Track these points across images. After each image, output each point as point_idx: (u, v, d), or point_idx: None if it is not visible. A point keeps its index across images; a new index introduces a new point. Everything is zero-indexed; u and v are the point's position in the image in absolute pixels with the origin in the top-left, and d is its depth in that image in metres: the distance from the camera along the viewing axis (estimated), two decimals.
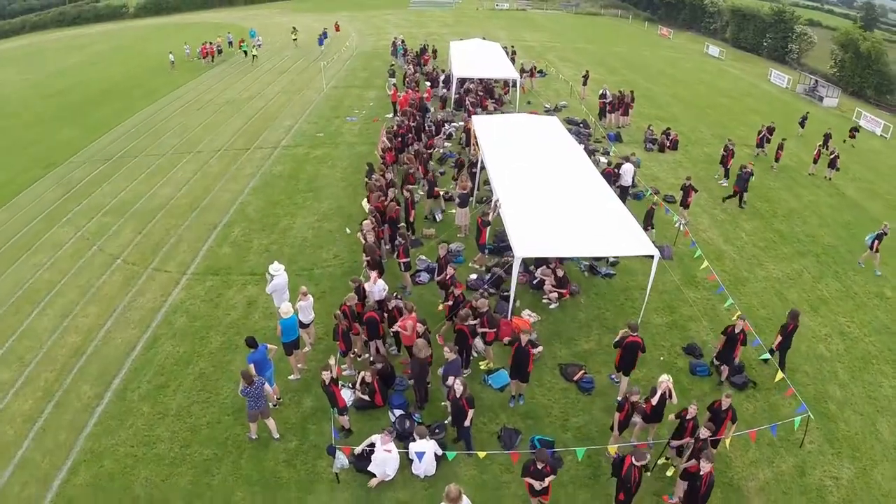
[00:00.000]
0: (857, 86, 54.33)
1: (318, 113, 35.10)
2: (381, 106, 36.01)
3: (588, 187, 18.46)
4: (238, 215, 22.98)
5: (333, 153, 28.94)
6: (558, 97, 39.69)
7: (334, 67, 46.69)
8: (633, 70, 50.76)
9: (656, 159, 30.57)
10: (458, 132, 31.02)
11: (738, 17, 70.04)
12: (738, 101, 44.50)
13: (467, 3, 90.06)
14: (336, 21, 63.98)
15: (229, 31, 57.52)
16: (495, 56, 37.05)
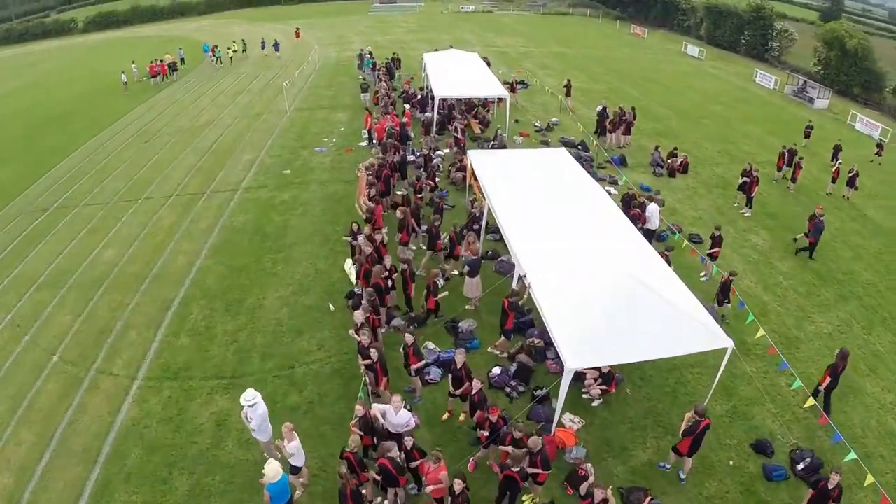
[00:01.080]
0: (843, 84, 52.48)
1: (281, 143, 31.32)
2: (352, 131, 32.42)
3: (629, 251, 15.30)
4: (196, 288, 19.18)
5: (303, 195, 25.27)
6: (547, 112, 36.63)
7: (297, 85, 42.82)
8: (618, 76, 48.01)
9: (668, 186, 27.68)
10: (444, 163, 27.67)
11: (714, 14, 67.96)
12: (732, 109, 42.04)
13: (431, 7, 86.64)
14: (297, 28, 59.74)
15: (181, 46, 52.83)
16: (476, 69, 33.61)
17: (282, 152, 30.00)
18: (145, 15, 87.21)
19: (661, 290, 13.20)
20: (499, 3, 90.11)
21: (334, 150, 29.97)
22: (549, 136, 32.31)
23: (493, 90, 31.15)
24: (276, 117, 35.50)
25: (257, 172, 27.80)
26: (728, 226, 23.99)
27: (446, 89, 30.39)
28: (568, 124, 34.45)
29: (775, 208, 26.35)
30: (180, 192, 26.31)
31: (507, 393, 14.58)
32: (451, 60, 34.55)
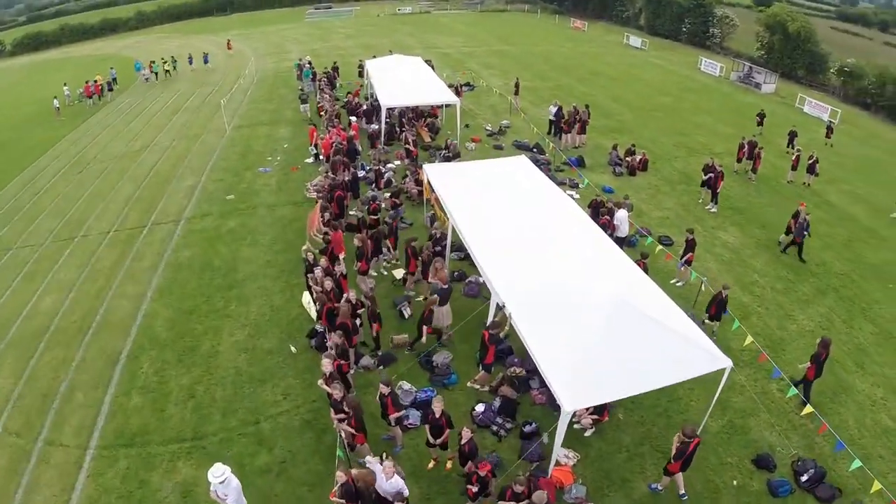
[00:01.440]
0: (787, 67, 53.26)
1: (223, 165, 29.65)
2: (296, 147, 30.95)
3: (608, 266, 14.48)
4: (144, 336, 17.56)
5: (251, 222, 23.76)
6: (497, 115, 35.79)
7: (235, 100, 40.99)
8: (563, 72, 47.59)
9: (630, 185, 27.13)
10: (396, 175, 26.55)
11: (653, 4, 68.46)
12: (681, 99, 42.02)
13: (366, 10, 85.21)
14: (228, 39, 57.40)
15: (112, 65, 50.14)
16: (422, 74, 32.48)
17: (224, 175, 28.34)
18: (75, 34, 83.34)
19: (650, 310, 12.38)
20: (436, 3, 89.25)
21: (279, 170, 28.48)
22: (502, 140, 31.46)
23: (442, 96, 30.08)
24: (216, 137, 33.74)
25: (200, 199, 26.11)
26: (696, 224, 23.58)
27: (393, 98, 29.20)
28: (520, 126, 33.65)
29: (740, 202, 26.08)
30: (119, 227, 24.47)
31: (494, 432, 13.55)
32: (395, 66, 33.33)
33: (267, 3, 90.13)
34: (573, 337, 11.65)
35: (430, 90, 30.17)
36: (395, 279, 19.31)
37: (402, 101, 29.38)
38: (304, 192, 25.63)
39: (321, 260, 16.90)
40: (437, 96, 30.19)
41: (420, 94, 29.72)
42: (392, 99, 29.00)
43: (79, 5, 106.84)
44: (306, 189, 25.60)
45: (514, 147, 30.41)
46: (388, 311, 17.44)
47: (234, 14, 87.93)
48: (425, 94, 29.94)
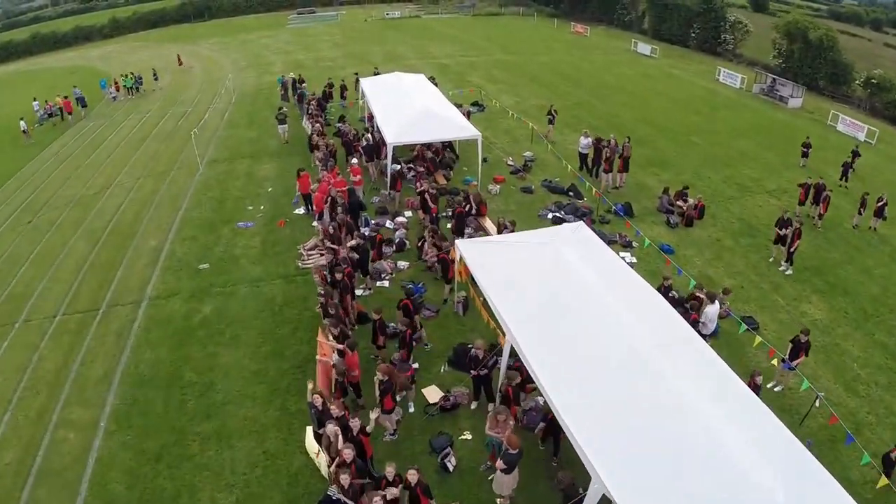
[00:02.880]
0: (807, 77, 48.76)
1: (195, 217, 24.30)
2: (283, 190, 25.72)
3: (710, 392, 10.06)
4: (96, 498, 12.32)
5: (230, 307, 18.49)
6: (516, 143, 30.75)
7: (211, 124, 35.55)
8: (577, 86, 42.57)
9: (689, 240, 22.44)
10: (410, 234, 21.42)
11: (658, 7, 63.77)
12: (712, 119, 37.30)
13: (352, 15, 79.62)
14: (178, 54, 51.00)
15: (79, 81, 44.17)
16: (430, 99, 27.13)
17: (196, 232, 22.99)
18: (46, 43, 77.74)
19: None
20: (425, 7, 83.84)
21: (263, 224, 23.16)
22: (530, 180, 26.42)
23: (461, 129, 24.82)
24: (187, 175, 28.35)
25: (166, 269, 20.76)
26: (774, 293, 19.54)
27: (401, 133, 23.97)
28: (545, 158, 28.70)
29: (813, 258, 21.75)
30: (67, 311, 19.14)
31: None
32: (396, 88, 28.20)
33: (247, 9, 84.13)
34: None
35: (444, 121, 24.85)
36: (427, 407, 14.16)
37: (412, 136, 24.11)
38: (295, 259, 20.39)
39: (332, 405, 11.67)
40: (454, 129, 24.92)
41: (433, 128, 24.40)
42: (400, 134, 23.79)
43: (56, 11, 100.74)
44: (298, 256, 20.41)
45: (545, 189, 25.49)
46: (423, 459, 12.39)
47: (213, 20, 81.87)
48: (440, 128, 24.63)
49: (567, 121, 33.83)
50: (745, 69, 50.82)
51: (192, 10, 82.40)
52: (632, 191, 25.96)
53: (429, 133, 24.11)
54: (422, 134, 24.05)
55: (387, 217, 22.79)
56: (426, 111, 24.59)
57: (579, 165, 27.45)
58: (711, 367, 11.25)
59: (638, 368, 10.88)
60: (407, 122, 24.07)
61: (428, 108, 24.87)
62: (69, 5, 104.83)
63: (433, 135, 24.32)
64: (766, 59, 54.75)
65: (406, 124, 23.95)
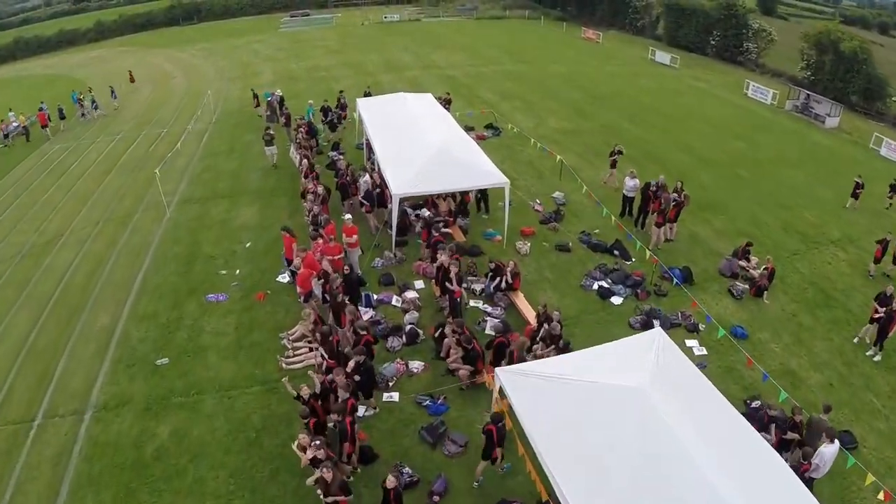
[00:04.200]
0: (838, 91, 43.96)
1: (156, 284, 19.27)
2: (265, 246, 20.76)
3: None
4: None
5: (192, 430, 13.65)
6: (540, 180, 25.81)
7: (188, 149, 30.42)
8: (601, 104, 37.46)
9: (761, 316, 17.85)
10: (422, 314, 16.46)
11: (674, 12, 58.76)
12: (754, 144, 32.47)
13: (348, 17, 74.19)
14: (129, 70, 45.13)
15: (43, 100, 38.79)
16: (447, 137, 21.59)
17: (157, 307, 17.96)
18: (30, 47, 72.59)
19: None
20: (424, 9, 78.50)
21: (239, 298, 18.13)
22: (565, 232, 21.41)
23: (486, 175, 19.67)
24: (153, 220, 23.30)
25: (117, 362, 15.84)
26: (865, 391, 15.23)
27: (409, 181, 18.84)
28: (579, 202, 23.70)
29: None
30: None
31: None
32: (402, 116, 23.16)
33: (238, 11, 78.56)
34: None
35: (464, 166, 19.57)
36: None
37: (424, 185, 18.99)
38: (277, 355, 15.37)
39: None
40: (477, 176, 19.70)
41: (451, 175, 19.12)
42: (409, 183, 18.66)
43: (45, 12, 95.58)
44: (283, 353, 15.40)
45: (585, 245, 20.50)
46: None
47: (203, 23, 76.33)
48: (459, 174, 19.34)
49: (597, 148, 28.88)
50: (772, 81, 46.48)
51: (181, 13, 76.86)
52: (684, 244, 21.14)
53: (445, 180, 18.95)
54: (436, 182, 18.91)
55: (392, 290, 17.78)
56: (442, 152, 19.40)
57: (621, 210, 22.53)
58: None
59: None
60: (418, 166, 18.98)
61: (443, 148, 19.68)
62: (61, 6, 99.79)
63: (451, 182, 19.14)
64: (788, 69, 50.25)
65: (416, 170, 18.85)
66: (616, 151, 24.55)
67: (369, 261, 18.95)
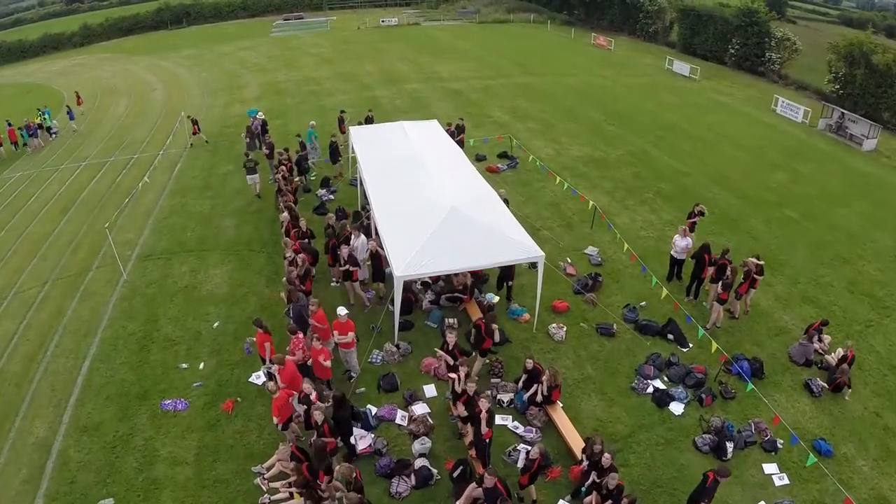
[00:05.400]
0: (869, 107, 39.88)
1: (104, 381, 15.29)
2: (234, 326, 16.80)
3: None
4: None
5: None
6: (569, 228, 21.64)
7: (157, 182, 26.23)
8: (624, 124, 33.18)
9: (843, 422, 14.47)
10: (435, 441, 12.59)
11: (690, 19, 54.48)
12: (795, 175, 28.22)
13: (344, 21, 69.73)
14: (77, 92, 39.79)
15: (9, 118, 34.40)
16: (464, 191, 17.12)
17: (102, 416, 14.01)
18: (13, 53, 68.19)
19: None
20: (424, 12, 74.09)
21: (202, 406, 14.07)
22: (604, 307, 17.26)
23: (517, 248, 15.29)
24: (106, 283, 19.15)
25: (51, 501, 11.62)
26: None
27: (415, 257, 14.55)
28: (616, 258, 19.59)
29: None
30: None
31: None
32: (404, 156, 18.95)
33: (228, 14, 73.96)
34: None
35: (488, 236, 15.13)
36: None
37: (435, 264, 14.63)
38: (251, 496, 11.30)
39: None
40: (505, 250, 15.05)
41: (471, 249, 14.76)
42: (414, 259, 14.41)
43: (38, 13, 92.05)
44: (258, 497, 11.34)
45: (632, 326, 16.44)
46: None
47: (192, 26, 71.78)
48: (482, 248, 14.85)
49: (628, 183, 24.90)
50: (797, 95, 42.71)
51: (169, 16, 72.22)
52: (743, 318, 17.20)
53: (462, 255, 14.70)
54: (450, 256, 14.63)
55: (395, 400, 13.64)
56: (456, 214, 15.11)
57: (669, 274, 18.42)
58: None
59: None
60: (426, 235, 14.73)
61: (458, 207, 15.37)
62: (54, 6, 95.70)
63: (469, 258, 14.87)
64: (809, 78, 46.14)
65: (425, 241, 14.60)
66: (696, 213, 19.52)
67: (366, 356, 14.79)
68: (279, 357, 12.12)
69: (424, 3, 78.36)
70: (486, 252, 14.60)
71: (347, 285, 16.27)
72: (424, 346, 15.34)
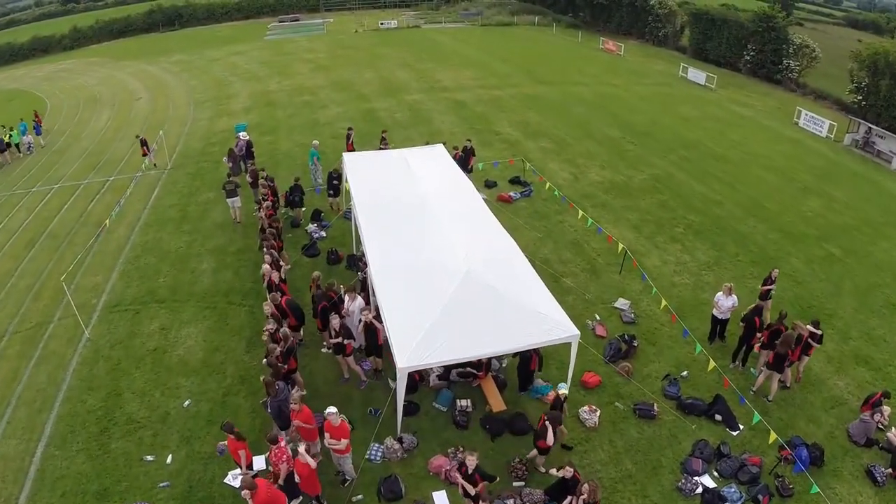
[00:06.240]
0: (894, 119, 37.32)
1: (56, 478, 12.90)
2: (211, 405, 14.39)
3: None
4: None
5: None
6: (594, 274, 19.04)
7: (131, 210, 23.67)
8: (644, 142, 30.53)
9: None
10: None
11: (703, 22, 51.93)
12: (831, 203, 25.76)
13: (341, 24, 66.99)
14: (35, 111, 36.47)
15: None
16: (477, 238, 14.72)
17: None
18: (3, 55, 65.97)
19: None
20: (425, 14, 71.31)
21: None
22: (641, 377, 14.73)
23: (546, 324, 12.47)
24: (67, 342, 16.67)
25: None
26: None
27: (422, 342, 11.86)
28: (651, 314, 16.95)
29: None
30: None
31: None
32: (406, 193, 16.37)
33: (222, 16, 71.10)
34: None
35: (507, 304, 12.37)
36: None
37: (445, 350, 11.87)
38: None
39: None
40: (529, 326, 12.24)
41: (487, 325, 12.05)
42: (421, 346, 11.73)
43: (33, 13, 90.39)
44: None
45: (673, 404, 13.86)
46: None
47: (184, 29, 68.96)
48: (501, 322, 12.12)
49: (657, 216, 22.36)
50: (816, 105, 40.68)
51: (161, 18, 69.36)
52: (793, 386, 14.54)
53: (480, 338, 12.01)
54: (465, 340, 11.94)
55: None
56: (472, 282, 12.46)
57: (710, 333, 15.88)
58: None
59: None
60: (436, 312, 12.06)
61: (475, 272, 12.68)
62: (51, 6, 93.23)
63: (489, 342, 12.10)
64: (827, 87, 43.80)
65: (434, 319, 11.95)
66: (772, 280, 16.44)
67: (363, 451, 12.19)
68: (248, 481, 9.53)
69: (425, 4, 75.56)
70: (510, 332, 11.97)
71: (340, 359, 13.67)
72: (432, 436, 12.77)
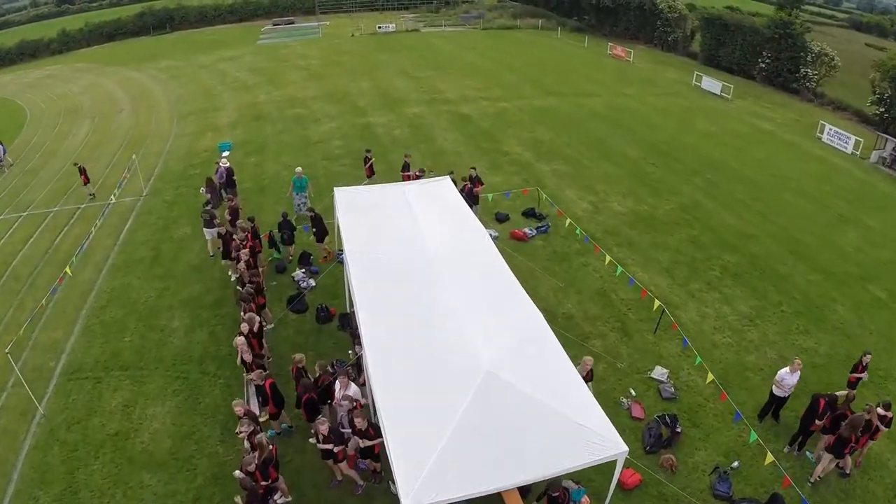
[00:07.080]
0: None
1: None
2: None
3: None
4: None
5: None
6: (624, 333, 16.72)
7: (100, 247, 21.16)
8: (667, 163, 27.82)
9: None
10: None
11: (715, 28, 49.31)
12: (867, 234, 23.19)
13: (337, 27, 64.25)
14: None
15: None
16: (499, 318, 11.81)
17: None
18: None
19: None
20: (424, 17, 68.53)
21: None
22: (687, 470, 12.35)
23: (589, 444, 9.51)
24: (17, 417, 14.31)
25: None
26: None
27: (433, 469, 9.15)
28: (695, 388, 14.43)
29: None
30: None
31: None
32: (407, 243, 13.93)
33: (215, 18, 68.29)
34: None
35: (540, 412, 9.65)
36: None
37: (463, 480, 9.09)
38: None
39: None
40: (568, 444, 9.33)
41: (514, 446, 9.37)
42: (433, 478, 9.07)
43: (26, 15, 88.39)
44: None
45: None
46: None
47: (176, 32, 66.14)
48: (532, 439, 9.41)
49: (690, 256, 19.81)
50: (836, 117, 38.31)
51: (152, 21, 66.52)
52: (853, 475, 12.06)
53: (506, 462, 9.34)
54: (489, 469, 9.26)
55: None
56: (494, 380, 9.83)
57: (763, 410, 13.39)
58: None
59: None
60: (450, 427, 9.43)
61: (499, 377, 9.95)
62: (47, 6, 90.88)
63: (520, 468, 9.30)
64: (845, 97, 41.47)
65: (449, 435, 9.34)
66: (863, 367, 13.71)
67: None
68: None
69: (424, 7, 72.79)
70: (542, 454, 9.34)
71: (330, 464, 11.09)
72: None
